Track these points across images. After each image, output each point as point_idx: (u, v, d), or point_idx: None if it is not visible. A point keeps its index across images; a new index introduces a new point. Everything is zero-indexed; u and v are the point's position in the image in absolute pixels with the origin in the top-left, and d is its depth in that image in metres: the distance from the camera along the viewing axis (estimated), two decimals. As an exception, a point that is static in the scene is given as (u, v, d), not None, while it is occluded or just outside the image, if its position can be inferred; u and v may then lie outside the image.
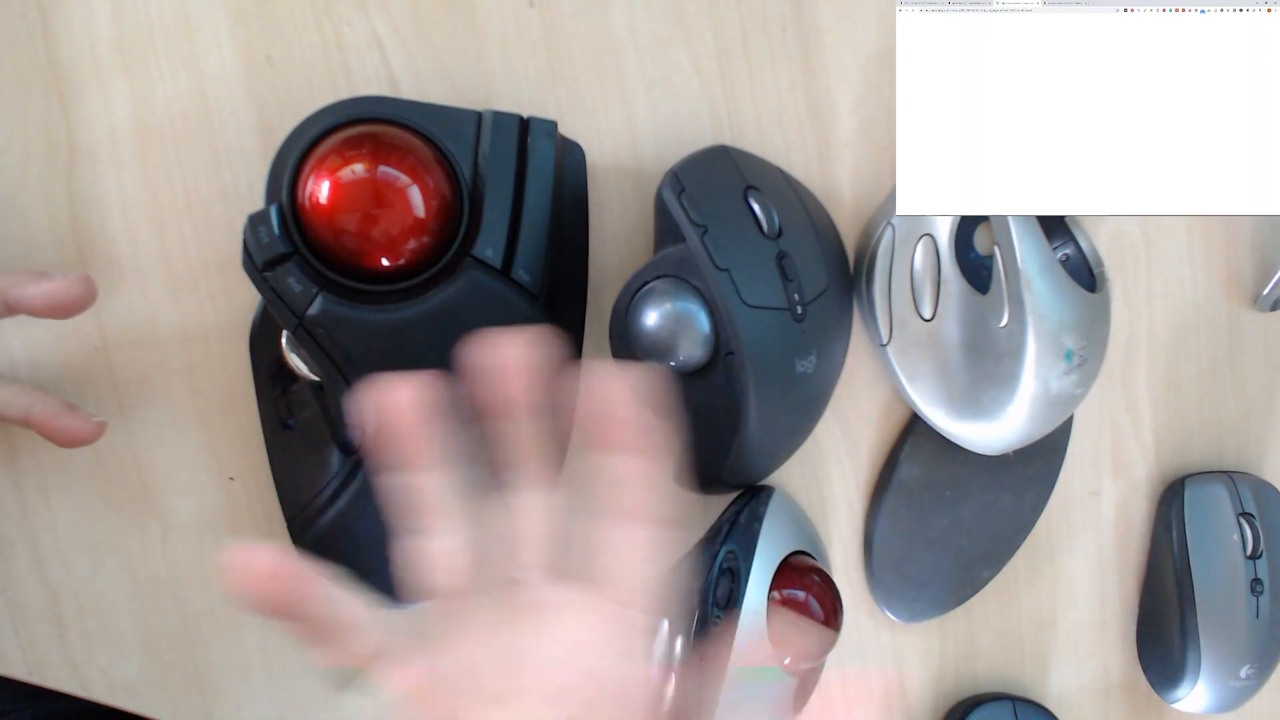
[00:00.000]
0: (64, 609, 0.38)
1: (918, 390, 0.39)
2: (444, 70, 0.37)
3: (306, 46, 0.37)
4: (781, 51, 0.39)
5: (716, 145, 0.38)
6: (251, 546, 0.24)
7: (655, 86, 0.38)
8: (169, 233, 0.37)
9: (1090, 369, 0.38)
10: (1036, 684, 0.45)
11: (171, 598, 0.39)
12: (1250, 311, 0.44)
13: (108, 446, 0.38)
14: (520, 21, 0.37)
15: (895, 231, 0.38)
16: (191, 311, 0.37)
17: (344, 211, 0.31)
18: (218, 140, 0.37)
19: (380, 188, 0.31)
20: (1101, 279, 0.39)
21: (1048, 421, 0.38)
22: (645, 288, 0.35)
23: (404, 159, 0.32)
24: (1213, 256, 0.43)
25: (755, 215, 0.36)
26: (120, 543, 0.38)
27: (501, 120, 0.33)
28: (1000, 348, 0.36)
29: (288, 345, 0.35)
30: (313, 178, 0.31)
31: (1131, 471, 0.44)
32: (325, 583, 0.25)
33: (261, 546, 0.24)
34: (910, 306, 0.38)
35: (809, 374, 0.37)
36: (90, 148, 0.36)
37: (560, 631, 0.25)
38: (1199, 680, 0.42)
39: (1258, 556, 0.42)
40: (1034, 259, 0.36)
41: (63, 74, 0.36)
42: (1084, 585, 0.45)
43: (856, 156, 0.40)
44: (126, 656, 0.39)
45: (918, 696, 0.44)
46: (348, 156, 0.31)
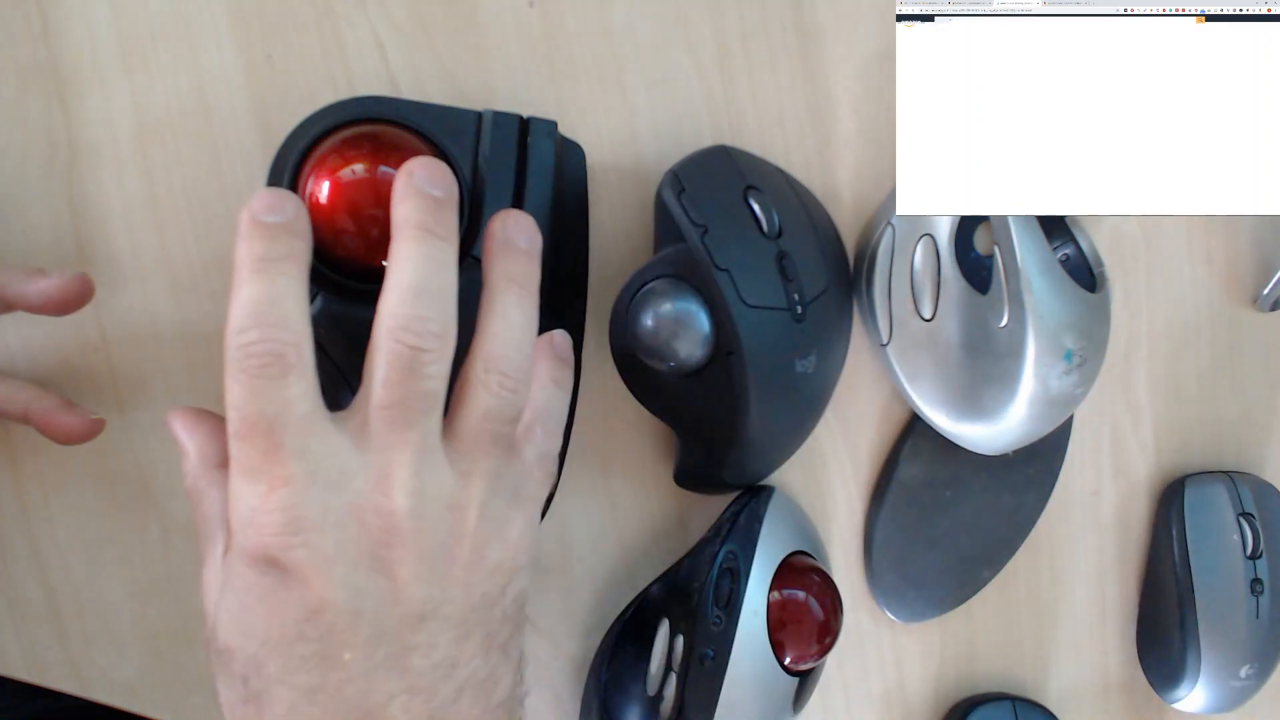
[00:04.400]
0: (64, 609, 0.38)
1: (918, 390, 0.39)
2: (444, 70, 0.37)
3: (306, 46, 0.37)
4: (781, 51, 0.39)
5: (716, 145, 0.38)
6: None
7: (655, 86, 0.38)
8: (169, 233, 0.37)
9: (1090, 369, 0.38)
10: (1036, 684, 0.45)
11: (171, 598, 0.39)
12: (1250, 311, 0.44)
13: (108, 446, 0.38)
14: (520, 21, 0.37)
15: (895, 231, 0.38)
16: (191, 311, 0.37)
17: (344, 211, 0.31)
18: (218, 140, 0.37)
19: (380, 188, 0.31)
20: (1101, 279, 0.39)
21: (1048, 421, 0.38)
22: (645, 288, 0.35)
23: (404, 159, 0.32)
24: (1213, 256, 0.43)
25: (755, 215, 0.36)
26: (120, 543, 0.38)
27: (501, 120, 0.33)
28: (1000, 348, 0.36)
29: (288, 345, 0.35)
30: (313, 178, 0.31)
31: (1131, 471, 0.44)
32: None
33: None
34: (910, 306, 0.38)
35: (809, 374, 0.37)
36: (90, 148, 0.36)
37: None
38: (1199, 680, 0.42)
39: (1258, 556, 0.42)
40: (1034, 259, 0.36)
41: (63, 74, 0.36)
42: (1084, 585, 0.45)
43: (856, 156, 0.40)
44: (126, 656, 0.39)
45: (918, 696, 0.44)
46: (348, 156, 0.31)
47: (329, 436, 0.26)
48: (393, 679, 0.26)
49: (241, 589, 0.26)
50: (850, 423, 0.42)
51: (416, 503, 0.27)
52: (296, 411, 0.26)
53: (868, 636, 0.43)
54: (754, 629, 0.37)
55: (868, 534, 0.43)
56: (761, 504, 0.39)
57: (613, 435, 0.40)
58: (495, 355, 0.28)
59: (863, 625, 0.43)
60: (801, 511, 0.41)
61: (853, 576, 0.43)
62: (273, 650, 0.26)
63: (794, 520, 0.40)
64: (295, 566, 0.26)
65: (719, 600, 0.37)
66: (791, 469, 0.41)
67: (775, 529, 0.38)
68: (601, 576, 0.41)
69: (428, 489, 0.27)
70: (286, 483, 0.26)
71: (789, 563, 0.38)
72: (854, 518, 0.43)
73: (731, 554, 0.38)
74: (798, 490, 0.42)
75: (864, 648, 0.44)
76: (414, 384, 0.27)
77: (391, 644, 0.26)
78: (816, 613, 0.38)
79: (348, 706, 0.26)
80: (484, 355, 0.28)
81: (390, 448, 0.27)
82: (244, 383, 0.26)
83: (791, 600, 0.37)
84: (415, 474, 0.27)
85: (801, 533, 0.40)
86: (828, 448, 0.42)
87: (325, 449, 0.26)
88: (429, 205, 0.28)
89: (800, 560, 0.38)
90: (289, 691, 0.26)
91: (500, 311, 0.29)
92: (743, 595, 0.37)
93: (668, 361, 0.35)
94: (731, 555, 0.38)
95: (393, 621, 0.26)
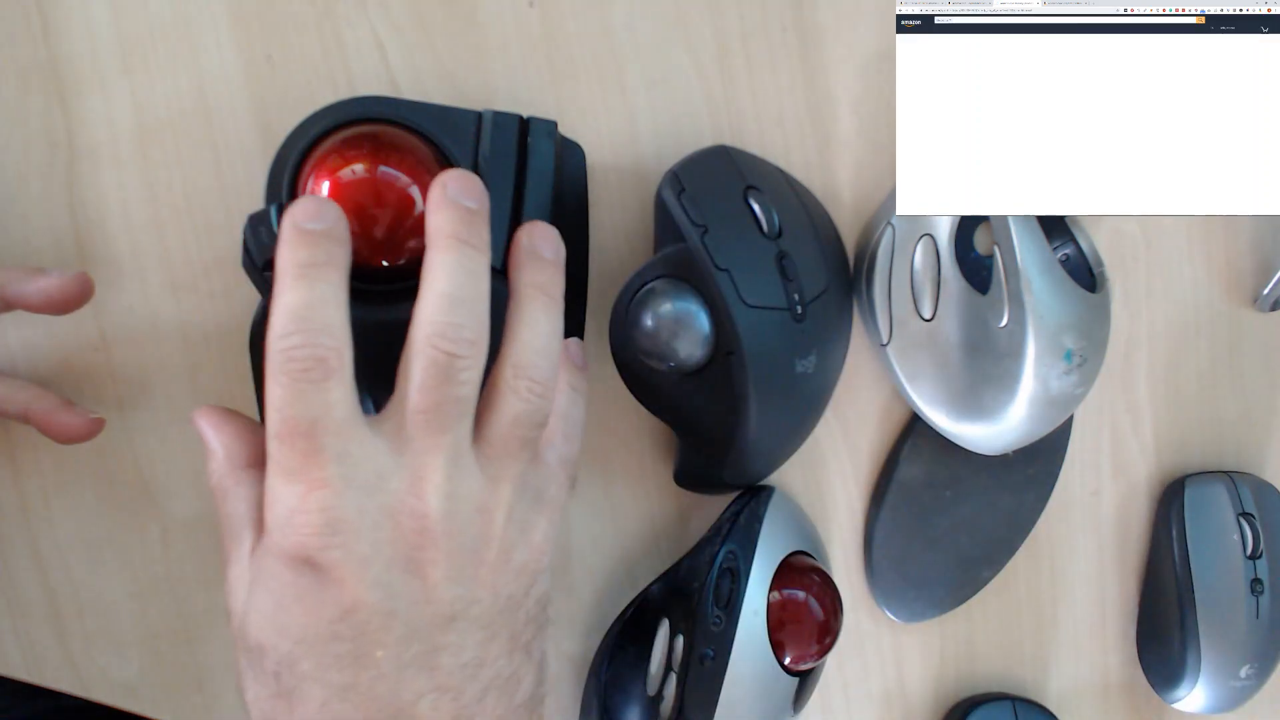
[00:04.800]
0: (64, 609, 0.38)
1: (918, 390, 0.39)
2: (444, 70, 0.37)
3: (306, 46, 0.37)
4: (781, 51, 0.39)
5: (716, 145, 0.38)
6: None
7: (655, 86, 0.38)
8: (169, 233, 0.37)
9: (1090, 369, 0.38)
10: (1036, 684, 0.45)
11: (171, 598, 0.39)
12: (1250, 311, 0.44)
13: (108, 446, 0.38)
14: (520, 21, 0.37)
15: (895, 231, 0.38)
16: (191, 311, 0.37)
17: (344, 211, 0.31)
18: (218, 140, 0.37)
19: (380, 188, 0.31)
20: (1101, 279, 0.39)
21: (1048, 421, 0.38)
22: (645, 288, 0.35)
23: (404, 159, 0.32)
24: (1213, 256, 0.43)
25: (755, 215, 0.36)
26: (120, 543, 0.38)
27: (501, 120, 0.33)
28: (1000, 348, 0.36)
29: (288, 345, 0.35)
30: (313, 178, 0.31)
31: (1131, 471, 0.44)
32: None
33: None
34: (910, 306, 0.38)
35: (809, 374, 0.37)
36: (90, 147, 0.36)
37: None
38: (1199, 680, 0.42)
39: (1258, 556, 0.42)
40: (1034, 259, 0.36)
41: (63, 74, 0.36)
42: (1084, 585, 0.45)
43: (856, 156, 0.40)
44: (126, 656, 0.39)
45: (918, 696, 0.44)
46: (348, 156, 0.31)
47: (366, 440, 0.27)
48: (422, 678, 0.27)
49: (276, 588, 0.27)
50: (850, 423, 0.42)
51: (449, 505, 0.27)
52: (337, 415, 0.26)
53: (868, 636, 0.43)
54: (754, 629, 0.37)
55: (868, 534, 0.43)
56: (761, 504, 0.39)
57: (613, 435, 0.40)
58: (525, 362, 0.29)
59: (863, 625, 0.43)
60: (801, 511, 0.41)
61: (853, 576, 0.43)
62: (307, 648, 0.26)
63: (794, 520, 0.40)
64: (331, 567, 0.26)
65: (719, 600, 0.37)
66: (791, 469, 0.41)
67: (775, 529, 0.38)
68: (601, 576, 0.41)
69: (459, 491, 0.28)
70: (325, 484, 0.26)
71: (789, 563, 0.38)
72: (854, 518, 0.43)
73: (731, 554, 0.38)
74: (798, 490, 0.42)
75: (864, 648, 0.44)
76: (449, 389, 0.27)
77: (422, 643, 0.27)
78: (816, 613, 0.38)
79: (378, 704, 0.26)
80: (514, 361, 0.29)
81: (425, 451, 0.27)
82: (286, 385, 0.26)
83: (791, 600, 0.37)
84: (449, 477, 0.27)
85: (801, 533, 0.40)
86: (828, 448, 0.42)
87: (363, 452, 0.27)
88: (463, 216, 0.29)
89: (800, 560, 0.38)
90: (321, 689, 0.26)
91: (529, 320, 0.30)
92: (743, 595, 0.37)
93: (668, 361, 0.35)
94: (731, 555, 0.38)
95: (424, 621, 0.27)
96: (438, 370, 0.27)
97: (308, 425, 0.26)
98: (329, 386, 0.26)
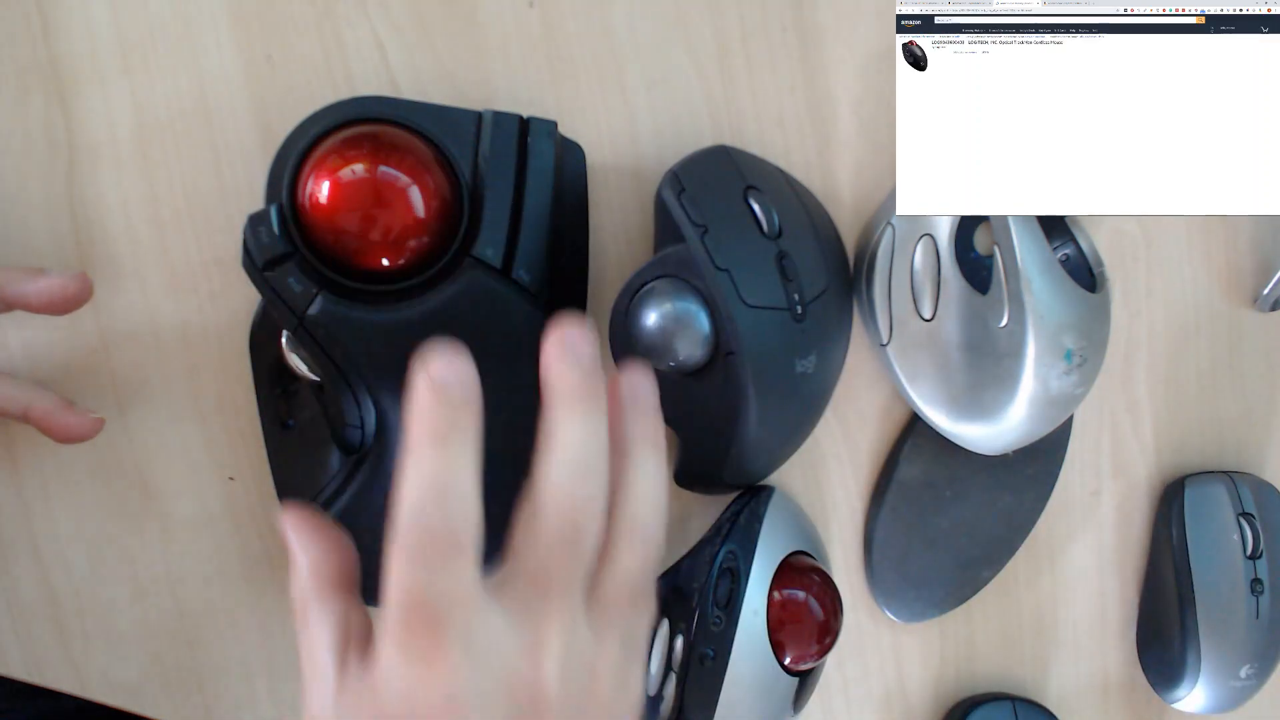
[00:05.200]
0: (64, 609, 0.38)
1: (918, 390, 0.39)
2: (444, 70, 0.37)
3: (306, 46, 0.37)
4: (781, 51, 0.39)
5: (716, 145, 0.38)
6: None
7: (655, 86, 0.38)
8: (169, 233, 0.37)
9: (1090, 369, 0.38)
10: (1036, 684, 0.45)
11: (171, 597, 0.39)
12: (1250, 311, 0.44)
13: (108, 446, 0.38)
14: (520, 21, 0.37)
15: (895, 231, 0.38)
16: (191, 311, 0.37)
17: (344, 211, 0.31)
18: (218, 140, 0.37)
19: (380, 188, 0.31)
20: (1101, 279, 0.39)
21: (1048, 421, 0.38)
22: (645, 288, 0.35)
23: (404, 159, 0.32)
24: (1213, 256, 0.43)
25: (755, 215, 0.36)
26: (120, 543, 0.38)
27: (501, 120, 0.33)
28: (1000, 348, 0.36)
29: (288, 345, 0.35)
30: (313, 178, 0.31)
31: (1131, 471, 0.44)
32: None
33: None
34: (910, 306, 0.38)
35: (809, 374, 0.37)
36: (90, 148, 0.36)
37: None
38: (1199, 680, 0.42)
39: (1258, 556, 0.42)
40: (1034, 259, 0.36)
41: (63, 74, 0.36)
42: (1084, 585, 0.45)
43: (856, 156, 0.40)
44: (126, 656, 0.39)
45: (918, 696, 0.44)
46: (348, 156, 0.31)
47: (489, 615, 0.26)
48: None
49: None
50: (850, 423, 0.42)
51: (563, 671, 0.27)
52: (463, 591, 0.26)
53: (868, 636, 0.43)
54: (754, 629, 0.37)
55: (868, 534, 0.43)
56: (761, 504, 0.39)
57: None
58: (639, 517, 0.29)
59: (863, 625, 0.43)
60: (801, 511, 0.41)
61: (853, 576, 0.43)
62: None
63: (794, 520, 0.40)
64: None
65: (719, 600, 0.37)
66: (791, 469, 0.41)
67: (775, 529, 0.38)
68: (601, 576, 0.41)
69: (572, 656, 0.27)
70: (447, 664, 0.25)
71: (789, 563, 0.38)
72: (854, 518, 0.43)
73: (731, 554, 0.38)
74: (798, 490, 0.42)
75: (864, 648, 0.44)
76: (575, 558, 0.27)
77: None
78: (816, 613, 0.38)
79: None
80: (629, 516, 0.28)
81: (543, 616, 0.27)
82: (417, 562, 0.25)
83: (791, 600, 0.37)
84: (565, 645, 0.27)
85: (801, 533, 0.40)
86: (828, 448, 0.42)
87: (485, 629, 0.26)
88: (588, 375, 0.28)
89: (800, 560, 0.38)
90: None
91: (641, 474, 0.29)
92: (743, 595, 0.37)
93: (668, 361, 0.35)
94: (731, 555, 0.38)
95: None
96: (565, 539, 0.27)
97: (434, 604, 0.25)
98: (460, 565, 0.26)
